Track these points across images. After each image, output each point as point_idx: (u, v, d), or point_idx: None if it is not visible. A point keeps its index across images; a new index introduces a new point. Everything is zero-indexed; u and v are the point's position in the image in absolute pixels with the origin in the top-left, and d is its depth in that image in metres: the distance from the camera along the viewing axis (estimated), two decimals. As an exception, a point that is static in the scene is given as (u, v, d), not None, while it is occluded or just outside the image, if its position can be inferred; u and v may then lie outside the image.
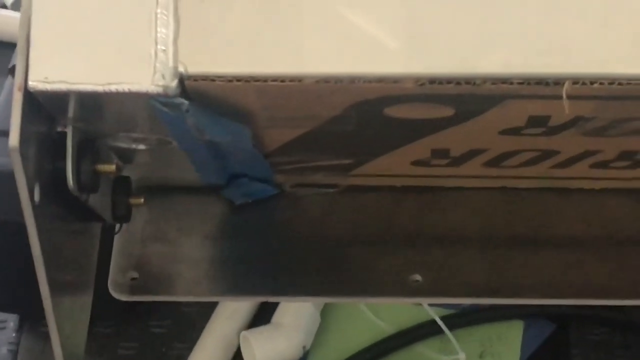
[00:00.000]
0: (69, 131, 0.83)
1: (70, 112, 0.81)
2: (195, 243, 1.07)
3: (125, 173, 1.01)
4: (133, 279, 1.04)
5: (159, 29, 0.70)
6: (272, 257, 1.07)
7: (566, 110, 0.74)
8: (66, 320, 0.91)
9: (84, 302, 1.00)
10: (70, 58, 0.72)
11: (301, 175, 1.06)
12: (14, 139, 0.72)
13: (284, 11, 0.72)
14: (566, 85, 0.71)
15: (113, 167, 0.89)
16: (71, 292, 0.96)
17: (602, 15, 0.72)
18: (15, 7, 1.78)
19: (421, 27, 0.72)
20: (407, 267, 1.04)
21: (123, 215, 1.01)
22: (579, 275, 1.05)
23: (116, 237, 1.06)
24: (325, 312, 1.58)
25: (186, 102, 0.73)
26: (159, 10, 0.71)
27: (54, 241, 0.85)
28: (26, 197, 0.76)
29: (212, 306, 1.56)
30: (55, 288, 0.86)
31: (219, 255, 1.08)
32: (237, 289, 1.08)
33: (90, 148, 0.88)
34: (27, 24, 0.73)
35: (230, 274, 1.08)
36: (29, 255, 0.84)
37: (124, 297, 1.03)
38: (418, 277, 1.03)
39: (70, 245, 0.95)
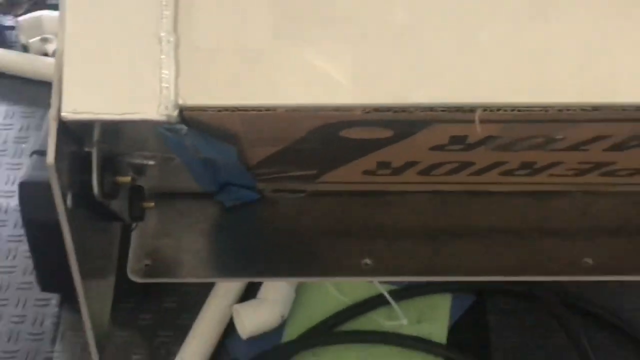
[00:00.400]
0: (94, 151, 0.82)
1: (95, 136, 0.81)
2: (195, 237, 1.06)
3: (139, 183, 0.99)
4: (147, 265, 1.02)
5: (163, 71, 0.69)
6: (256, 247, 1.05)
7: (478, 131, 0.73)
8: (94, 299, 0.91)
9: (108, 284, 1.00)
10: (94, 94, 0.70)
11: (277, 183, 1.05)
12: (50, 157, 0.71)
13: (261, 56, 0.70)
14: (478, 112, 0.70)
15: (129, 179, 0.88)
16: (98, 277, 0.96)
17: (507, 55, 0.70)
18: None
19: (367, 69, 0.71)
20: (360, 253, 1.02)
21: (138, 216, 1.00)
22: (493, 258, 1.03)
23: (133, 233, 1.04)
24: (298, 289, 1.52)
25: (185, 127, 0.72)
26: (162, 57, 0.69)
27: (83, 237, 0.83)
28: (60, 203, 0.75)
29: (210, 286, 1.49)
30: (85, 274, 0.87)
31: (214, 246, 1.07)
32: (229, 272, 1.07)
33: (111, 164, 0.86)
34: (59, 68, 0.72)
35: (223, 261, 1.07)
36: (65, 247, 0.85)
37: (139, 280, 1.02)
38: (368, 260, 1.01)
39: (96, 240, 0.95)
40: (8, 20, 1.83)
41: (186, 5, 0.70)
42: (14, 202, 1.43)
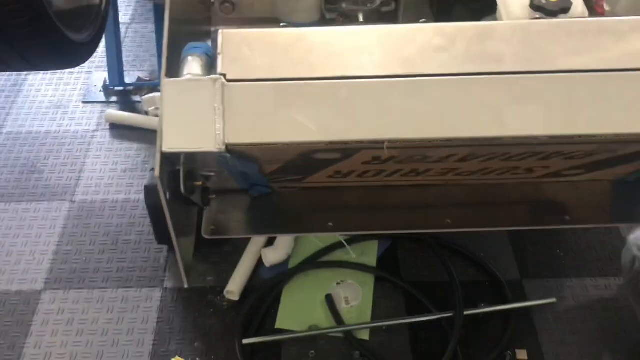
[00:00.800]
0: (181, 168, 0.89)
1: (181, 160, 0.89)
2: (237, 213, 1.13)
3: (207, 185, 1.07)
4: (212, 229, 1.09)
5: (216, 125, 0.78)
6: (270, 218, 1.13)
7: (386, 154, 0.83)
8: (183, 247, 0.96)
9: (190, 240, 1.06)
10: (180, 138, 0.79)
11: (281, 183, 1.11)
12: (157, 172, 0.80)
13: (268, 116, 0.79)
14: (385, 144, 0.79)
15: (200, 183, 0.96)
16: (185, 235, 1.00)
17: (399, 112, 0.78)
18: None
19: (326, 122, 0.79)
20: (326, 219, 1.10)
21: (207, 202, 1.07)
22: (398, 221, 1.11)
23: (204, 212, 1.11)
24: (297, 239, 1.62)
25: (229, 155, 0.79)
26: (216, 117, 0.78)
27: (176, 214, 0.90)
28: (163, 197, 0.84)
29: (248, 240, 1.58)
30: (177, 234, 0.92)
31: (249, 217, 1.14)
32: (256, 231, 1.17)
33: (191, 175, 0.93)
34: (161, 124, 0.80)
35: (252, 225, 1.14)
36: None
37: (208, 237, 1.08)
38: (331, 223, 1.10)
39: (184, 215, 1.00)
40: (138, 98, 2.02)
41: (227, 90, 0.78)
42: (142, 196, 1.55)
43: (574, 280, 1.58)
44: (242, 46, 0.81)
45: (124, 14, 2.38)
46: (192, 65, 0.84)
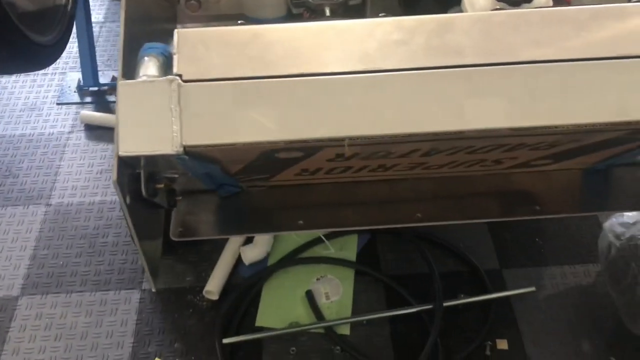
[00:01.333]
0: (142, 172, 0.89)
1: (141, 163, 0.88)
2: (207, 213, 1.11)
3: (174, 187, 1.07)
4: (180, 230, 1.07)
5: (173, 127, 0.76)
6: (239, 217, 1.12)
7: (347, 151, 0.82)
8: (149, 250, 0.96)
9: (158, 242, 1.04)
10: (136, 141, 0.77)
11: (250, 182, 1.10)
12: (114, 177, 0.80)
13: (226, 116, 0.77)
14: (346, 141, 0.78)
15: (162, 185, 0.94)
16: (150, 238, 1.00)
17: (358, 109, 0.77)
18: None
19: (285, 121, 0.77)
20: (296, 217, 1.09)
21: (174, 204, 1.06)
22: (368, 216, 1.11)
23: (172, 213, 1.10)
24: (275, 237, 1.62)
25: (187, 157, 0.77)
26: (173, 119, 0.76)
27: (139, 217, 0.89)
28: (122, 201, 0.83)
29: (226, 240, 1.56)
30: (141, 237, 0.92)
31: (218, 218, 1.12)
32: (227, 232, 1.15)
33: (153, 177, 0.93)
34: (117, 128, 0.78)
35: (223, 225, 1.12)
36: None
37: (176, 239, 1.07)
38: (301, 221, 1.09)
39: (148, 218, 0.99)
40: (113, 97, 1.96)
41: (184, 91, 0.76)
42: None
43: (553, 268, 1.58)
44: (198, 45, 0.79)
45: (97, 13, 2.34)
46: (148, 66, 0.83)
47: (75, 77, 2.04)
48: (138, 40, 0.90)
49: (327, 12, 1.15)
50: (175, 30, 0.80)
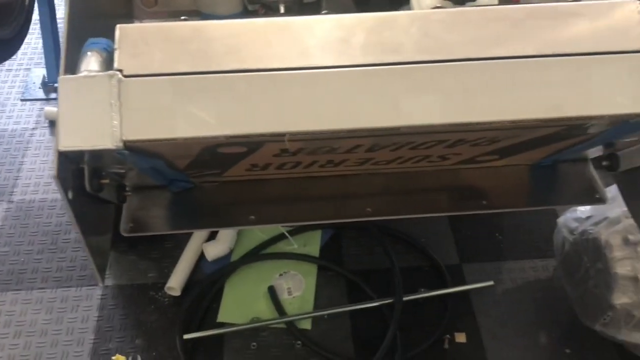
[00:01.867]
0: (85, 167, 0.87)
1: (85, 158, 0.85)
2: (157, 209, 1.10)
3: (124, 182, 1.04)
4: (130, 226, 1.07)
5: (113, 122, 0.75)
6: (191, 213, 1.11)
7: (288, 146, 0.82)
8: (95, 246, 0.94)
9: (106, 238, 1.03)
10: (76, 136, 0.75)
11: (201, 178, 1.09)
12: (54, 172, 0.78)
13: (166, 110, 0.76)
14: (287, 136, 0.77)
15: (107, 181, 0.92)
16: (98, 234, 0.98)
17: (299, 105, 0.77)
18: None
19: (224, 115, 0.76)
20: (248, 213, 1.09)
21: (123, 200, 1.05)
22: (320, 211, 1.10)
23: (123, 208, 1.09)
24: (239, 232, 1.65)
25: (127, 152, 0.77)
26: (113, 114, 0.75)
27: (83, 213, 0.87)
28: (64, 196, 0.81)
29: (190, 235, 1.61)
30: (87, 233, 0.88)
31: (170, 213, 1.11)
32: (177, 227, 1.12)
33: (98, 172, 0.91)
34: (57, 123, 0.76)
35: (174, 221, 1.11)
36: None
37: (126, 234, 1.06)
38: (252, 217, 1.09)
39: (96, 213, 0.97)
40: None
41: (124, 86, 0.75)
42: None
43: (512, 262, 1.63)
44: (139, 41, 0.79)
45: (62, 8, 2.31)
46: (90, 61, 0.82)
47: (40, 73, 2.02)
48: (90, 37, 0.89)
49: (282, 9, 1.15)
50: (117, 26, 0.80)
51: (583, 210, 1.39)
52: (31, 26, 1.77)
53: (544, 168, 1.11)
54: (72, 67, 0.83)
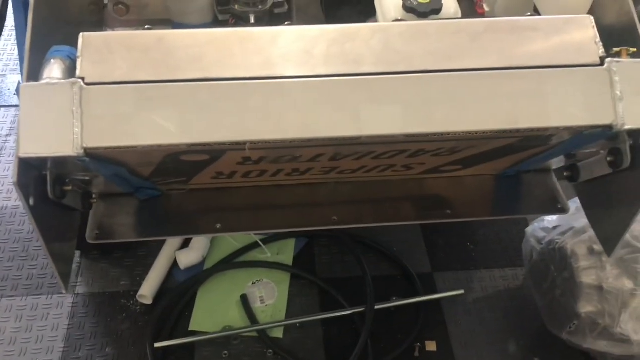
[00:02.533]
0: (48, 174, 0.85)
1: (48, 165, 0.85)
2: (123, 216, 1.09)
3: (90, 189, 1.02)
4: (96, 233, 1.06)
5: (74, 129, 0.75)
6: (158, 220, 1.10)
7: (249, 155, 0.82)
8: (59, 254, 0.92)
9: (71, 245, 1.02)
10: (37, 143, 0.75)
11: (168, 185, 1.08)
12: (14, 178, 0.77)
13: (128, 118, 0.76)
14: (247, 145, 0.77)
15: (70, 188, 0.90)
16: (62, 241, 0.97)
17: (259, 115, 0.76)
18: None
19: (185, 124, 0.76)
20: (214, 221, 1.08)
21: (89, 207, 1.03)
22: (286, 220, 1.11)
23: (89, 215, 1.07)
24: (212, 240, 1.64)
25: (88, 159, 0.76)
26: (74, 121, 0.75)
27: (46, 221, 0.86)
28: (25, 203, 0.80)
29: (163, 242, 1.60)
30: (49, 240, 0.87)
31: (136, 220, 1.10)
32: (144, 234, 1.11)
33: (61, 180, 0.89)
34: (18, 130, 0.76)
35: (141, 228, 1.10)
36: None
37: (92, 242, 1.05)
38: (219, 225, 1.08)
39: (60, 220, 0.95)
40: None
41: (85, 93, 0.75)
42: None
43: (483, 271, 1.64)
44: (102, 49, 0.79)
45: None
46: (53, 69, 0.82)
47: (15, 79, 2.01)
48: (58, 44, 0.89)
49: (252, 20, 1.16)
50: (80, 34, 0.80)
51: (550, 220, 1.41)
52: (7, 33, 1.76)
53: (508, 178, 1.12)
54: (35, 75, 0.83)
